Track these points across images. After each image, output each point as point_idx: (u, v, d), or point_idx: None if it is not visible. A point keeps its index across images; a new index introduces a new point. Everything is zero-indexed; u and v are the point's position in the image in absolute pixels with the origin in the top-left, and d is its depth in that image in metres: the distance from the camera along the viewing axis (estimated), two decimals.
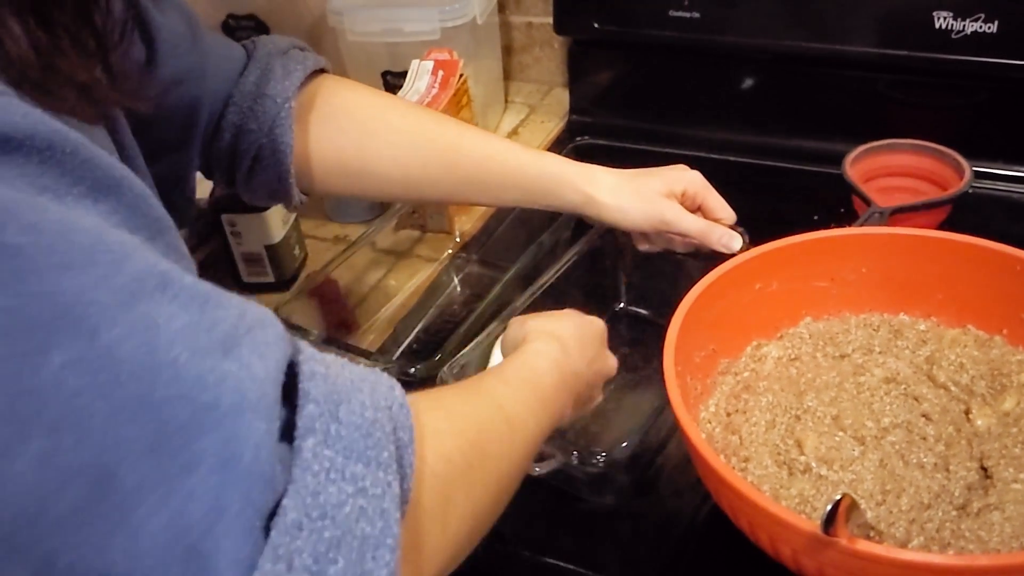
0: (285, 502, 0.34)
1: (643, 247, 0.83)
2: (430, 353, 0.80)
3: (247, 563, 0.33)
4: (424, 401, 0.44)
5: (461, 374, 0.74)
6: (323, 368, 0.38)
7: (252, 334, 0.36)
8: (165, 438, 0.32)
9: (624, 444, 0.66)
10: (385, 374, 0.42)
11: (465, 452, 0.45)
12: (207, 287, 0.36)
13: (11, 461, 0.30)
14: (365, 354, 0.81)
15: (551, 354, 0.59)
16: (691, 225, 0.79)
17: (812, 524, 0.52)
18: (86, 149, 0.35)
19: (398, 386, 0.41)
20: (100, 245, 0.33)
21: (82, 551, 0.31)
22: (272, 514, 0.34)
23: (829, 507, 0.49)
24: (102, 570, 0.32)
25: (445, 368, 0.73)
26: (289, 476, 0.34)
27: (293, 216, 1.02)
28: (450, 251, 1.00)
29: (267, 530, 0.33)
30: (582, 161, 1.17)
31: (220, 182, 0.77)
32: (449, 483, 0.43)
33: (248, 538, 0.33)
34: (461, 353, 0.75)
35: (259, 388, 0.34)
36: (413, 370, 0.75)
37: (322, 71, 0.78)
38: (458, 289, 0.97)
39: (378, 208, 1.07)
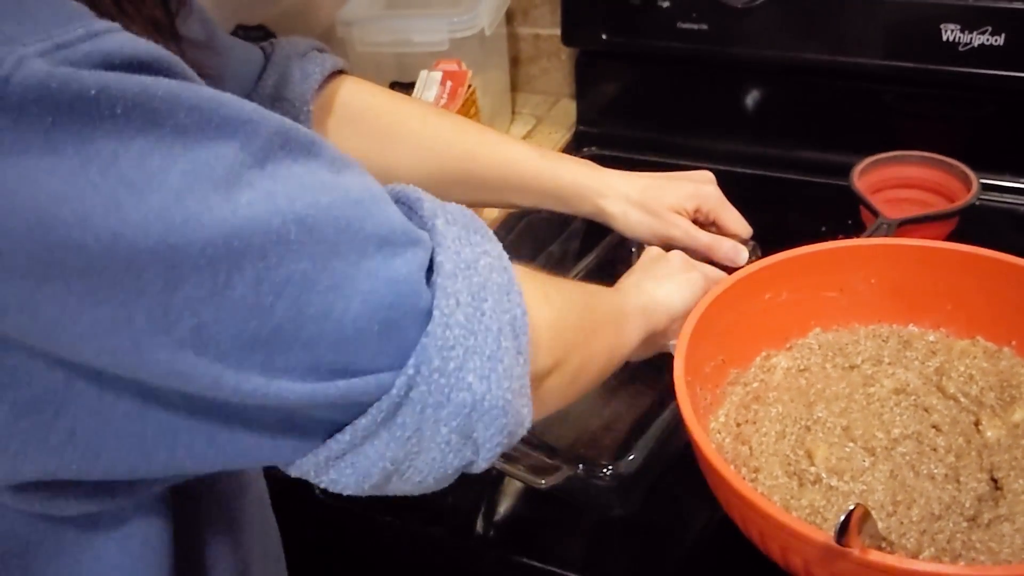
0: (439, 258, 0.43)
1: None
2: None
3: (423, 311, 0.41)
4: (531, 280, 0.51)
5: None
6: (419, 195, 0.47)
7: (344, 160, 0.43)
8: (340, 234, 0.39)
9: (631, 456, 0.66)
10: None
11: (559, 319, 0.53)
12: (307, 134, 0.42)
13: (232, 288, 0.36)
14: None
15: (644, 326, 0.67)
16: (698, 241, 0.80)
17: (825, 534, 0.52)
18: (184, 67, 0.40)
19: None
20: (242, 115, 0.38)
21: (295, 351, 0.39)
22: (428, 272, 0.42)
23: (843, 517, 0.49)
24: (312, 363, 0.39)
25: None
26: (433, 241, 0.43)
27: None
28: None
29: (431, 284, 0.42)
30: None
31: None
32: (561, 343, 0.52)
33: (420, 290, 0.41)
34: None
35: (377, 187, 0.43)
36: None
37: (341, 72, 0.79)
38: None
39: None
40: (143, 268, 0.35)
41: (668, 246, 0.80)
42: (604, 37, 1.14)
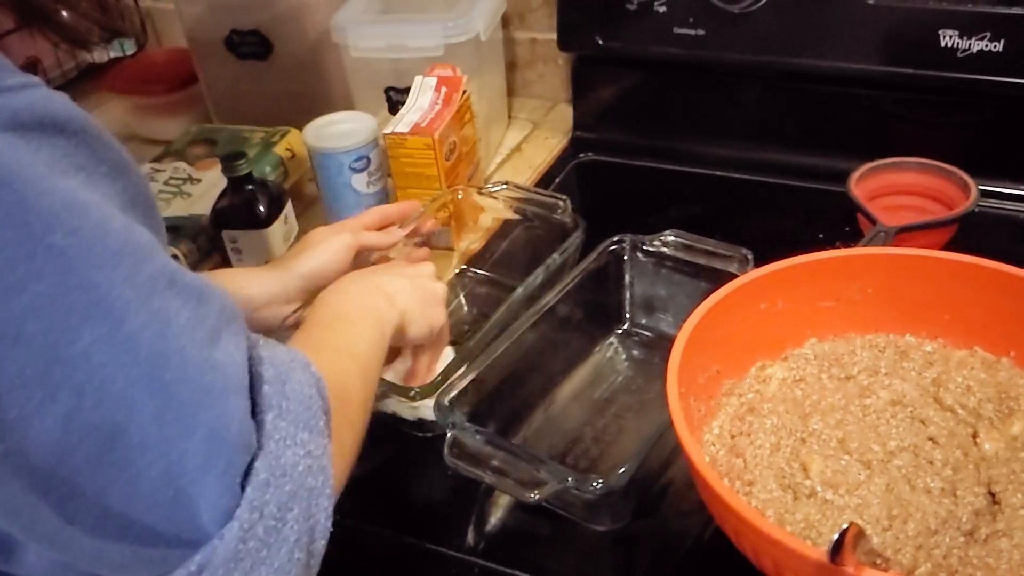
0: (257, 464, 0.43)
1: None
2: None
3: (225, 511, 0.41)
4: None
5: (458, 399, 0.73)
6: (267, 352, 0.47)
7: (229, 327, 0.44)
8: (170, 409, 0.40)
9: (622, 470, 0.65)
10: (300, 352, 0.50)
11: (342, 403, 0.54)
12: (199, 282, 0.44)
13: (42, 418, 0.37)
14: None
15: (372, 293, 0.68)
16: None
17: (818, 552, 0.51)
18: (105, 133, 0.42)
19: (312, 362, 0.50)
20: (127, 247, 0.40)
21: (93, 490, 0.39)
22: (244, 475, 0.42)
23: (836, 536, 0.48)
24: (107, 506, 0.40)
25: (443, 397, 0.72)
26: (258, 442, 0.43)
27: (295, 232, 1.02)
28: (456, 271, 0.99)
29: (242, 488, 0.42)
30: (586, 178, 1.16)
31: None
32: (339, 432, 0.52)
33: (228, 491, 0.41)
34: (457, 374, 0.74)
35: (239, 373, 0.44)
36: (413, 392, 0.74)
37: None
38: (464, 308, 0.96)
39: None
40: None
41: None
42: (600, 42, 1.13)
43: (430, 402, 0.73)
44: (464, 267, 1.00)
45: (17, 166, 0.37)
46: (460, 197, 0.97)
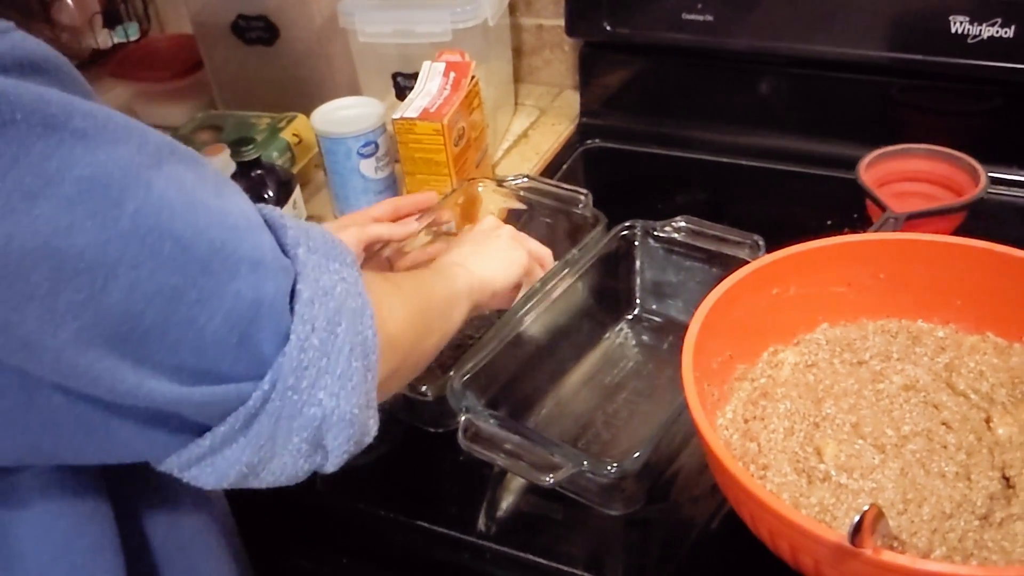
0: (299, 286, 0.46)
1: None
2: (446, 370, 0.78)
3: (282, 332, 0.45)
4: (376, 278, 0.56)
5: (470, 383, 0.73)
6: (277, 211, 0.50)
7: (227, 183, 0.47)
8: (214, 255, 0.43)
9: (636, 454, 0.65)
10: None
11: (405, 308, 0.58)
12: (192, 151, 0.46)
13: (109, 294, 0.40)
14: None
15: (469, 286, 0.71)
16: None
17: (837, 534, 0.51)
18: (75, 71, 0.43)
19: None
20: (130, 123, 0.43)
21: (160, 355, 0.42)
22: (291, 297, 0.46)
23: (857, 517, 0.48)
24: (180, 359, 0.43)
25: (456, 380, 0.72)
26: (295, 269, 0.47)
27: (303, 217, 1.02)
28: None
29: (291, 309, 0.46)
30: (593, 165, 1.16)
31: None
32: (384, 296, 0.55)
33: (280, 313, 0.45)
34: (472, 362, 0.74)
35: (254, 214, 0.47)
36: (424, 388, 0.74)
37: None
38: None
39: None
40: (31, 270, 0.38)
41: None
42: (608, 28, 1.13)
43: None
44: None
45: (12, 87, 0.38)
46: (481, 190, 0.95)
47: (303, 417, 0.46)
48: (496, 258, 0.76)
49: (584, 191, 0.90)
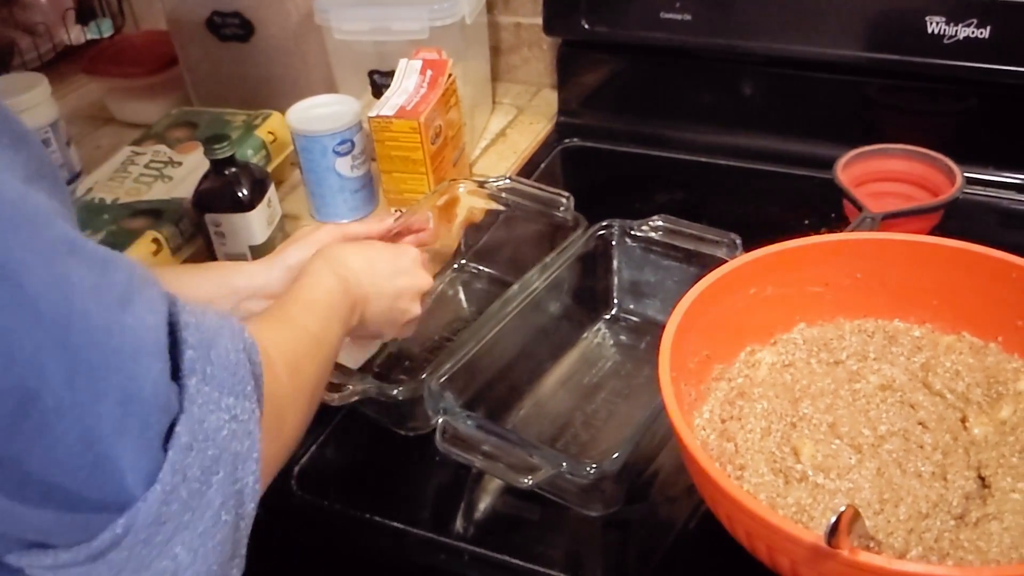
0: (178, 428, 0.43)
1: None
2: (419, 370, 0.77)
3: (148, 474, 0.41)
4: (256, 331, 0.51)
5: (447, 384, 0.72)
6: (193, 318, 0.46)
7: (142, 292, 0.43)
8: (79, 372, 0.39)
9: (615, 455, 0.64)
10: (234, 317, 0.49)
11: (292, 378, 0.55)
12: (104, 250, 0.43)
13: None
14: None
15: (337, 275, 0.68)
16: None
17: (813, 535, 0.51)
18: (4, 105, 0.42)
19: (246, 327, 0.50)
20: (25, 213, 0.39)
21: (10, 457, 0.39)
22: (167, 438, 0.42)
23: (833, 518, 0.48)
24: (26, 472, 0.39)
25: (433, 381, 0.72)
26: (180, 407, 0.43)
27: (278, 216, 1.01)
28: (455, 266, 0.99)
29: (165, 450, 0.42)
30: (571, 164, 1.16)
31: None
32: (282, 402, 0.52)
33: (148, 454, 0.42)
34: (449, 364, 0.74)
35: (153, 336, 0.43)
36: (395, 392, 0.73)
37: None
38: (464, 304, 0.95)
39: (364, 207, 1.06)
40: None
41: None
42: (586, 26, 1.12)
43: None
44: (463, 262, 0.99)
45: None
46: (461, 191, 0.94)
47: (151, 570, 0.43)
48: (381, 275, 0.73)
49: (566, 194, 0.90)
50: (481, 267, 0.98)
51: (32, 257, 0.39)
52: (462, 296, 0.96)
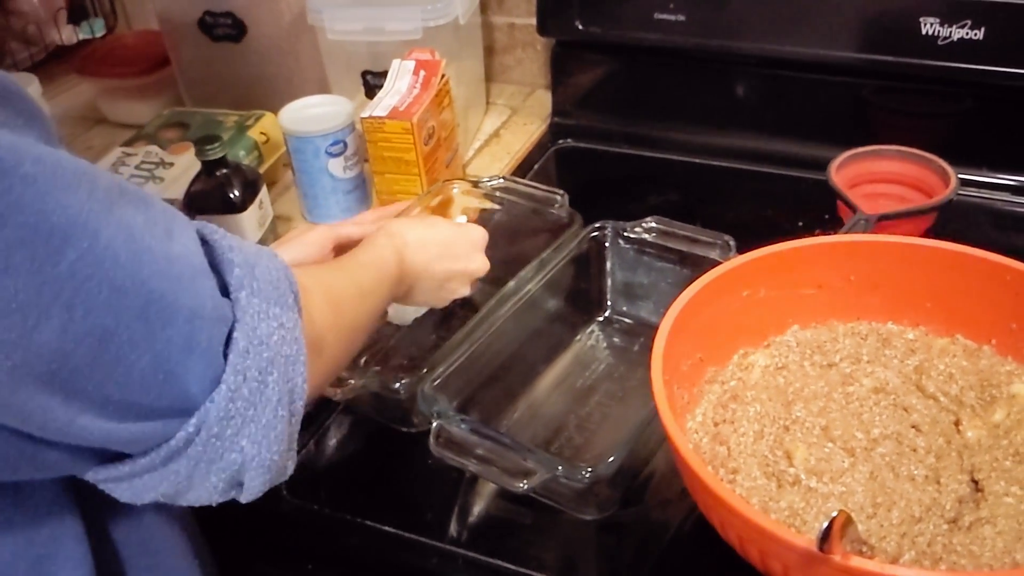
0: (236, 335, 0.47)
1: None
2: (418, 367, 0.77)
3: (212, 380, 0.46)
4: (300, 271, 0.55)
5: (441, 388, 0.72)
6: (234, 242, 0.50)
7: (176, 222, 0.47)
8: (151, 304, 0.43)
9: (611, 459, 0.64)
10: (268, 248, 0.54)
11: (331, 309, 0.59)
12: (140, 190, 0.47)
13: (40, 333, 0.40)
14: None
15: (394, 247, 0.72)
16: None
17: (806, 540, 0.51)
18: (28, 98, 0.44)
19: (279, 256, 0.53)
20: (80, 167, 0.43)
21: (88, 391, 0.43)
22: (226, 345, 0.47)
23: (825, 523, 0.47)
24: (107, 395, 0.43)
25: (426, 385, 0.72)
26: (234, 315, 0.47)
27: (270, 217, 1.00)
28: None
29: (225, 356, 0.46)
30: (565, 165, 1.15)
31: None
32: (320, 326, 0.56)
33: (213, 362, 0.46)
34: (443, 367, 0.73)
35: (200, 259, 0.47)
36: (397, 385, 0.73)
37: None
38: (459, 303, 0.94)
39: (356, 208, 1.05)
40: None
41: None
42: (580, 27, 1.12)
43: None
44: None
45: None
46: (456, 191, 0.93)
47: (223, 462, 0.48)
48: (437, 241, 0.76)
49: (560, 191, 0.90)
50: None
51: (99, 207, 0.42)
52: None
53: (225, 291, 0.48)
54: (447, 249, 0.77)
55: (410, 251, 0.73)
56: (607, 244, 0.87)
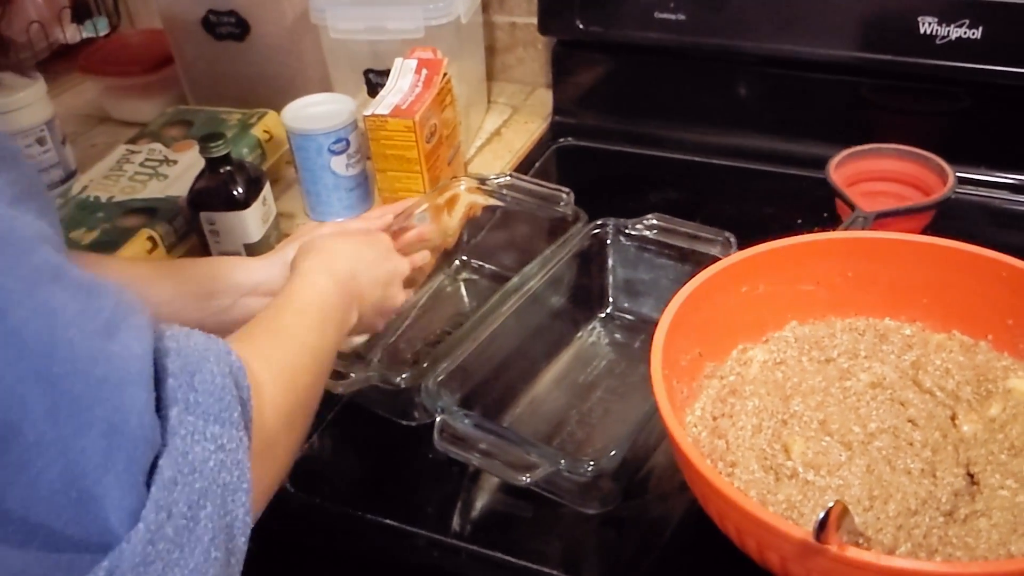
0: (161, 462, 0.41)
1: None
2: (422, 362, 0.77)
3: (131, 512, 0.39)
4: (246, 351, 0.49)
5: (445, 383, 0.73)
6: (175, 343, 0.44)
7: (127, 320, 0.42)
8: (62, 404, 0.38)
9: (613, 452, 0.65)
10: (220, 340, 0.48)
11: (286, 397, 0.52)
12: (89, 277, 0.42)
13: None
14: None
15: (328, 272, 0.66)
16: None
17: (802, 531, 0.51)
18: None
19: (234, 351, 0.47)
20: (8, 238, 0.39)
21: None
22: (150, 472, 0.40)
23: (822, 514, 0.48)
24: (6, 510, 0.38)
25: (430, 381, 0.72)
26: (163, 440, 0.41)
27: (273, 215, 1.01)
28: (456, 262, 0.99)
29: (148, 485, 0.40)
30: (566, 163, 1.16)
31: None
32: (275, 427, 0.50)
33: (132, 490, 0.39)
34: (446, 363, 0.74)
35: (139, 365, 0.41)
36: (399, 379, 0.74)
37: None
38: (465, 300, 0.96)
39: (359, 206, 1.06)
40: None
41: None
42: (581, 26, 1.13)
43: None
44: (464, 258, 0.99)
45: None
46: (462, 188, 0.94)
47: None
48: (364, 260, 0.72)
49: (565, 189, 0.91)
50: (481, 263, 0.99)
51: (13, 283, 0.38)
52: (463, 291, 0.97)
53: (158, 405, 0.42)
54: (374, 251, 0.74)
55: (347, 268, 0.68)
56: (608, 241, 0.87)
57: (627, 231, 0.86)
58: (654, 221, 0.85)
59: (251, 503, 0.44)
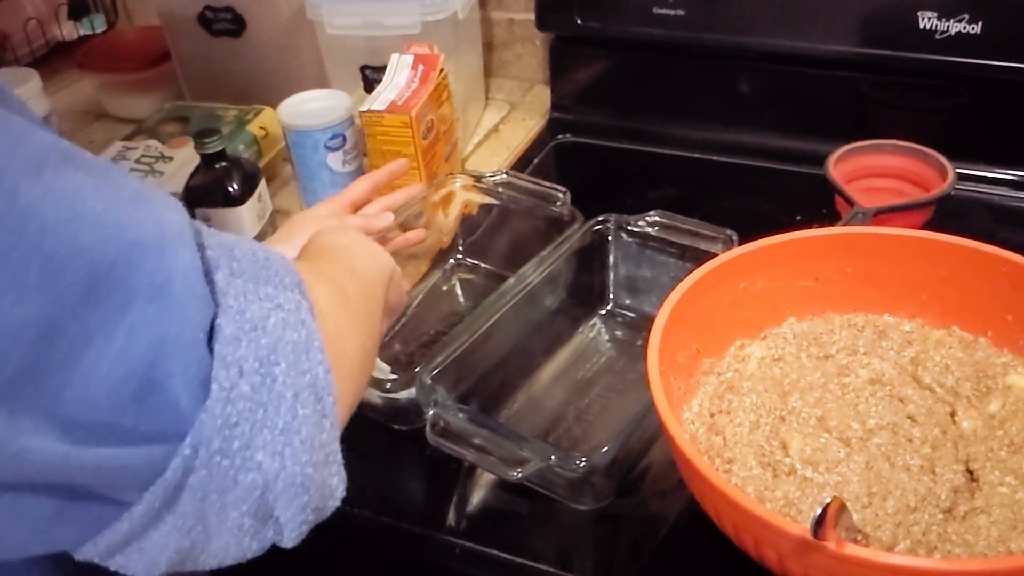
0: (218, 321, 0.37)
1: None
2: (414, 364, 0.77)
3: (200, 380, 0.36)
4: (297, 264, 0.46)
5: (440, 377, 0.72)
6: (208, 230, 0.41)
7: (157, 197, 0.39)
8: (98, 280, 0.34)
9: (605, 449, 0.64)
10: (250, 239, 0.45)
11: (337, 295, 0.49)
12: (108, 162, 0.38)
13: None
14: None
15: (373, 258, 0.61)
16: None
17: (800, 527, 0.51)
18: (17, 98, 0.38)
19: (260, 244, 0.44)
20: (11, 124, 0.34)
21: (40, 406, 0.33)
22: (210, 337, 0.37)
23: (819, 510, 0.48)
24: (68, 416, 0.34)
25: (425, 375, 0.72)
26: (215, 300, 0.38)
27: (269, 211, 1.01)
28: (452, 260, 0.99)
29: (210, 350, 0.36)
30: (564, 160, 1.15)
31: None
32: (337, 316, 0.47)
33: (194, 355, 0.36)
34: (441, 357, 0.74)
35: (176, 225, 0.38)
36: (388, 385, 0.73)
37: None
38: (460, 299, 0.95)
39: None
40: None
41: None
42: (579, 22, 1.12)
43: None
44: (459, 257, 0.99)
45: None
46: (458, 185, 0.94)
47: (239, 487, 0.37)
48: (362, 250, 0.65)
49: (562, 189, 0.90)
50: (477, 262, 0.98)
51: (21, 163, 0.33)
52: (458, 290, 0.96)
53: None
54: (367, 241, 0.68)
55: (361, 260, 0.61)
56: (610, 237, 0.87)
57: (629, 227, 0.86)
58: (656, 218, 0.85)
59: (329, 361, 0.41)
